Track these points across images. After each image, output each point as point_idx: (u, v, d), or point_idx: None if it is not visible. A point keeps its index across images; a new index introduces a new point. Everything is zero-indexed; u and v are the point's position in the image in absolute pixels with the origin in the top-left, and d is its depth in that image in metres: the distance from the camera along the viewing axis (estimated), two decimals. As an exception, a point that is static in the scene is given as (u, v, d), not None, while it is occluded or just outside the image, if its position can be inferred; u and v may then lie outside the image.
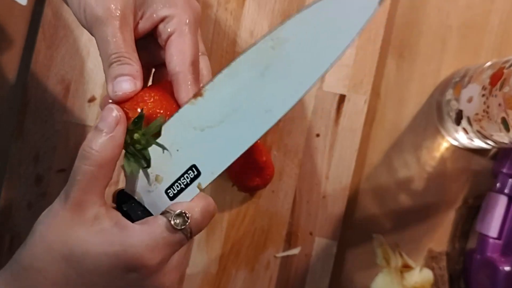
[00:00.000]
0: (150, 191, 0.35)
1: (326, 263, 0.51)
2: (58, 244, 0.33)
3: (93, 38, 0.36)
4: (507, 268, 0.49)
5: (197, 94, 0.34)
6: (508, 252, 0.50)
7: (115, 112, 0.34)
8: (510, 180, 0.50)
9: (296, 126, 0.52)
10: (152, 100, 0.35)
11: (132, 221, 0.35)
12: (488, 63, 0.45)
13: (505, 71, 0.41)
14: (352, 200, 0.54)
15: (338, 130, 0.52)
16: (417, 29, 0.54)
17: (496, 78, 0.42)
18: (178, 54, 0.35)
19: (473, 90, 0.45)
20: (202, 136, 0.34)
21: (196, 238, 0.52)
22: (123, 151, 0.35)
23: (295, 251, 0.52)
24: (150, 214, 0.35)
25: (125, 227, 0.33)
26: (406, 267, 0.52)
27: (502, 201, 0.50)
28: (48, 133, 0.52)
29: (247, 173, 0.48)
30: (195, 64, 0.36)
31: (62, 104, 0.52)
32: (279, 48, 0.31)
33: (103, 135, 0.33)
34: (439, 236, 0.54)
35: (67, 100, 0.52)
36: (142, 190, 0.36)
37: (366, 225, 0.54)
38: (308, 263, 0.51)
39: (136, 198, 0.36)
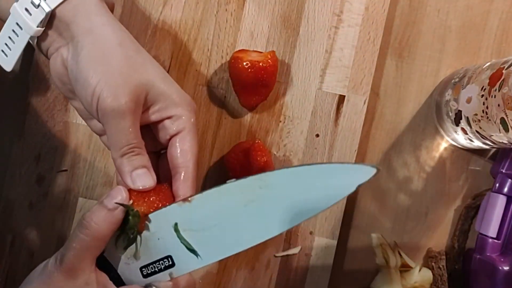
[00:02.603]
0: (127, 263, 0.38)
1: (326, 262, 0.52)
2: None
3: None
4: (506, 268, 0.49)
5: (186, 199, 0.36)
6: (507, 252, 0.50)
7: (123, 194, 0.36)
8: (509, 180, 0.50)
9: (296, 126, 0.52)
10: (157, 198, 0.38)
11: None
12: (487, 64, 0.45)
13: (504, 71, 0.41)
14: (352, 199, 0.54)
15: (338, 130, 0.52)
16: (416, 29, 0.54)
17: (495, 79, 0.42)
18: (187, 151, 0.39)
19: (472, 91, 0.45)
20: (182, 235, 0.37)
21: (197, 237, 0.52)
22: None
23: (295, 250, 0.52)
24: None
25: None
26: (406, 267, 0.53)
27: (501, 201, 0.50)
28: (50, 134, 0.52)
29: (248, 173, 0.48)
30: (197, 162, 0.39)
31: (63, 105, 0.52)
32: (265, 189, 0.35)
33: (106, 212, 0.36)
34: (438, 236, 0.54)
35: (69, 101, 0.52)
36: (120, 260, 0.38)
37: (365, 225, 0.54)
38: (308, 263, 0.52)
39: (113, 264, 0.38)
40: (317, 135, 0.52)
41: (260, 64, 0.47)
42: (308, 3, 0.52)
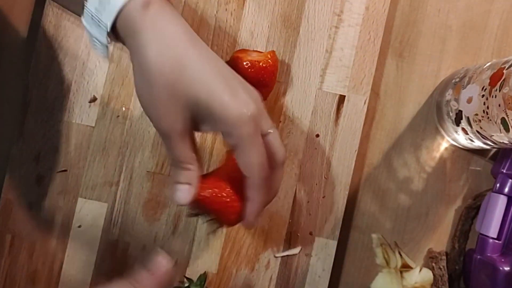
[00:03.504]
0: None
1: (326, 263, 0.51)
2: None
3: None
4: (506, 268, 0.49)
5: None
6: (507, 252, 0.50)
7: (167, 264, 0.38)
8: (509, 180, 0.50)
9: (296, 127, 0.52)
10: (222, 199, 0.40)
11: None
12: (488, 64, 0.45)
13: (504, 71, 0.41)
14: (352, 200, 0.54)
15: (338, 130, 0.52)
16: (417, 29, 0.54)
17: (496, 79, 0.42)
18: (245, 165, 0.38)
19: (472, 91, 0.45)
20: None
21: (197, 238, 0.52)
22: None
23: (295, 251, 0.52)
24: None
25: None
26: (406, 267, 0.52)
27: (502, 201, 0.50)
28: (49, 134, 0.52)
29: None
30: (261, 167, 0.38)
31: (63, 105, 0.52)
32: None
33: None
34: (439, 236, 0.54)
35: (68, 101, 0.52)
36: None
37: (366, 225, 0.54)
38: (308, 263, 0.52)
39: None
40: (317, 135, 0.52)
41: (260, 64, 0.47)
42: (308, 3, 0.52)
